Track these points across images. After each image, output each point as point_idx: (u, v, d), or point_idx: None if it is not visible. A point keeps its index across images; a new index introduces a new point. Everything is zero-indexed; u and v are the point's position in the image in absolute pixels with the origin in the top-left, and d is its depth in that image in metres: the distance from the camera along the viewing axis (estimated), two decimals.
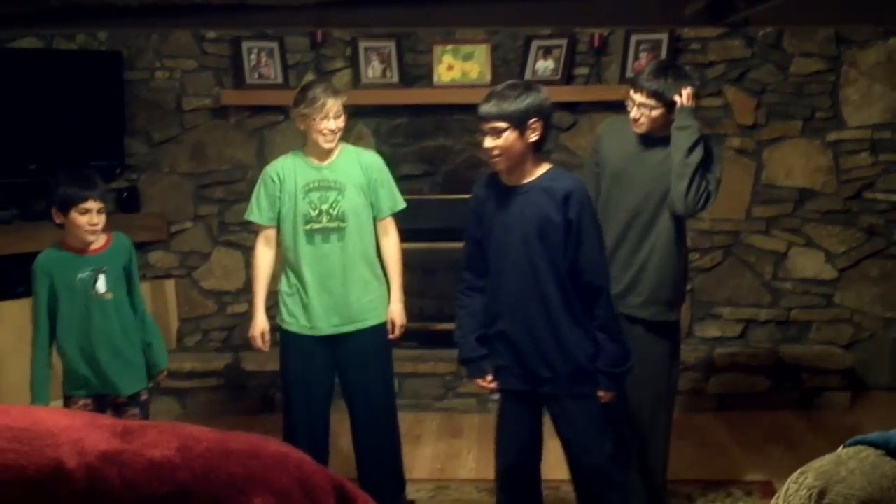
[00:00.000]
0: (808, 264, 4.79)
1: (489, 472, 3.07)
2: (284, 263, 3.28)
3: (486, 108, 2.56)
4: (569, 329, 2.65)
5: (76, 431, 0.99)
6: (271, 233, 3.28)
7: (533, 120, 2.56)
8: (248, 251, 4.91)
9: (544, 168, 2.67)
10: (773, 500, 1.13)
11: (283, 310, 3.27)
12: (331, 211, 3.17)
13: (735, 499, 3.50)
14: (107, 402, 3.08)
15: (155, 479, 0.97)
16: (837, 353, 4.64)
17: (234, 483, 0.99)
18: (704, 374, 4.56)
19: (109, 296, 3.05)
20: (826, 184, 4.75)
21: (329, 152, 3.19)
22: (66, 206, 2.96)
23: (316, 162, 3.20)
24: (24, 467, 0.94)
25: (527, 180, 2.65)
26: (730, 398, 4.56)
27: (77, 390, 3.08)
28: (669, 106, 3.00)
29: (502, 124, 2.55)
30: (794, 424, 4.34)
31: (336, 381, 3.33)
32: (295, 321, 3.24)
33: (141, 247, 4.76)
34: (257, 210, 3.27)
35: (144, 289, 4.15)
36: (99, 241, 3.06)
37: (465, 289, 2.80)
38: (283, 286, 3.27)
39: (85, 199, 2.95)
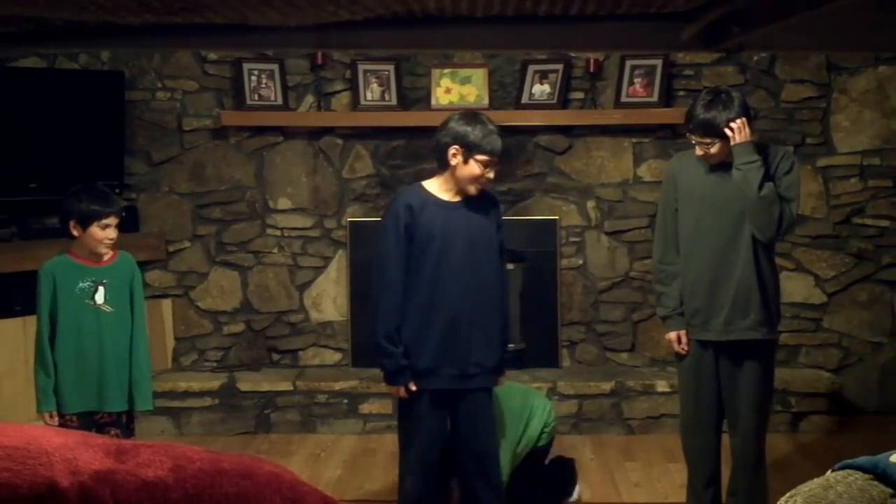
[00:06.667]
0: (797, 289, 4.82)
1: None
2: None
3: None
4: (499, 325, 3.07)
5: (69, 450, 0.97)
6: None
7: None
8: (245, 271, 4.93)
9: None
10: None
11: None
12: None
13: None
14: (91, 421, 3.10)
15: (148, 499, 0.96)
16: (826, 377, 4.67)
17: (226, 503, 1.01)
18: None
19: (108, 308, 3.12)
20: (816, 209, 4.79)
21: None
22: (87, 220, 3.09)
23: None
24: (18, 486, 0.92)
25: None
26: None
27: (65, 406, 3.11)
28: (724, 136, 2.99)
29: None
30: (783, 448, 4.35)
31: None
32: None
33: (139, 266, 4.78)
34: None
35: None
36: (106, 255, 3.17)
37: (398, 305, 2.97)
38: None
39: (108, 216, 3.10)
